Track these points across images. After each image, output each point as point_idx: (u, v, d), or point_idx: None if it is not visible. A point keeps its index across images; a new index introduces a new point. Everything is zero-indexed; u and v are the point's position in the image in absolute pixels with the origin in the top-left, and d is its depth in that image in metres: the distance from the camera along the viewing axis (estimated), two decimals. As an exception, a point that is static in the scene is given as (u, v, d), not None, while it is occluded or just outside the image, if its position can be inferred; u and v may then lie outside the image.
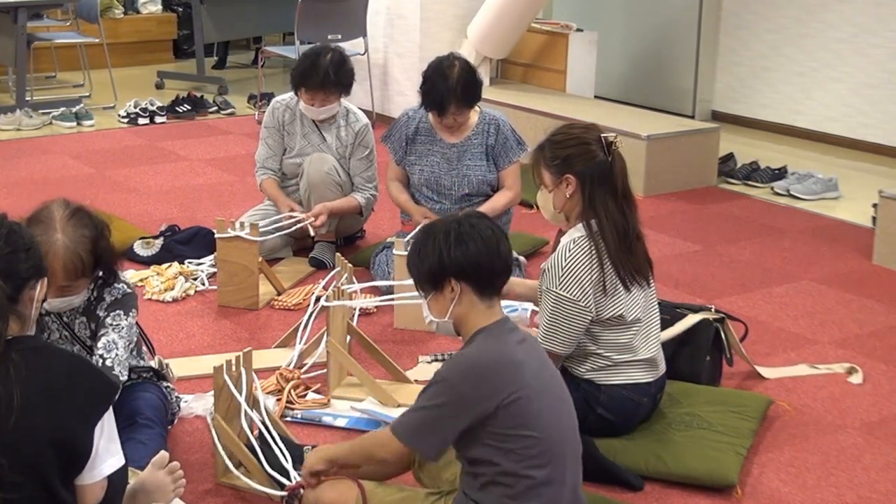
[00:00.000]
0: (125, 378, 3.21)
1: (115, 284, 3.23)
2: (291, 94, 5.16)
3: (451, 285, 2.73)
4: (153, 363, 3.52)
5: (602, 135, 3.38)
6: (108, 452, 2.34)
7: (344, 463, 2.90)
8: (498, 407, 2.59)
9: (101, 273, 3.17)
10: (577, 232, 3.38)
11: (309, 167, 5.07)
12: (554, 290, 3.33)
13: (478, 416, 2.60)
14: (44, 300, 2.46)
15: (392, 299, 4.27)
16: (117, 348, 3.17)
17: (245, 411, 3.21)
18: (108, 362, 3.14)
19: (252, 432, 3.35)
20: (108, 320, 3.20)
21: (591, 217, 3.35)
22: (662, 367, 3.52)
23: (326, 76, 4.97)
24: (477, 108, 4.90)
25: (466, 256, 2.71)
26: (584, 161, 3.35)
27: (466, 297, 2.73)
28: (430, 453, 2.73)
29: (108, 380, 2.43)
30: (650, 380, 3.45)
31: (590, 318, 3.34)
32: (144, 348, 3.51)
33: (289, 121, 5.19)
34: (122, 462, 2.39)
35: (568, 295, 3.32)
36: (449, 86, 4.66)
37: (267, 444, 3.26)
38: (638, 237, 3.41)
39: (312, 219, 4.95)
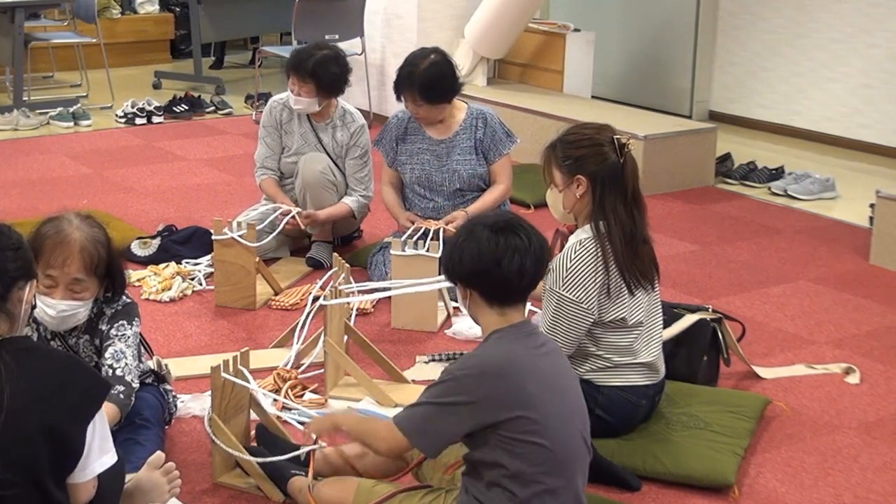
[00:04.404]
0: (137, 385, 3.21)
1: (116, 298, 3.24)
2: (288, 92, 5.16)
3: (462, 288, 2.75)
4: (151, 363, 3.52)
5: (615, 136, 3.37)
6: (100, 451, 2.34)
7: (345, 432, 2.91)
8: (503, 415, 2.58)
9: (108, 283, 3.17)
10: (584, 233, 3.37)
11: (303, 167, 5.08)
12: (557, 290, 3.33)
13: (482, 420, 2.59)
14: (34, 307, 2.46)
15: (388, 288, 4.25)
16: (126, 357, 3.17)
17: (257, 398, 3.24)
18: (118, 372, 3.14)
19: (251, 430, 3.36)
20: (113, 331, 3.20)
21: (600, 219, 3.34)
22: (662, 371, 3.52)
23: (303, 64, 4.99)
24: (465, 104, 4.92)
25: (460, 267, 2.72)
26: (596, 162, 3.34)
27: (475, 301, 2.74)
28: (429, 450, 2.72)
29: (99, 378, 2.43)
30: (649, 383, 3.45)
31: (592, 319, 3.34)
32: (143, 349, 3.50)
33: (286, 120, 5.20)
34: (115, 460, 2.38)
35: (570, 296, 3.31)
36: (409, 74, 4.70)
37: (265, 444, 3.27)
38: (645, 240, 3.40)
39: (302, 212, 4.98)
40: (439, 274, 4.19)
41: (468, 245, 2.70)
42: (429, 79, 4.70)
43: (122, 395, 3.11)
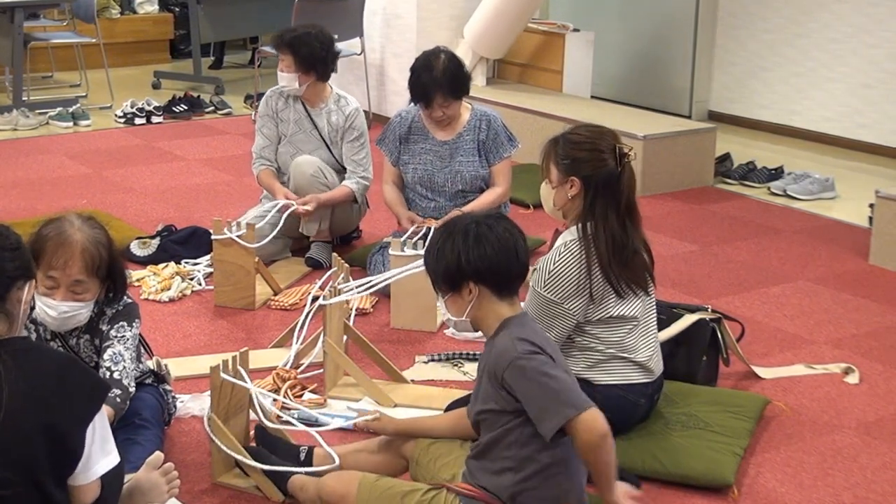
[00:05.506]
0: (133, 390, 3.21)
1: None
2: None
3: (469, 287, 2.76)
4: (151, 364, 3.52)
5: (617, 144, 3.37)
6: (101, 452, 2.34)
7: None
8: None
9: (110, 285, 3.17)
10: (570, 235, 3.38)
11: (294, 172, 5.08)
12: (539, 290, 3.35)
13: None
14: (32, 307, 2.45)
15: (390, 277, 4.18)
16: (124, 360, 3.17)
17: (255, 398, 3.26)
18: (115, 375, 3.14)
19: (250, 431, 3.36)
20: (112, 332, 3.20)
21: (588, 221, 3.35)
22: (660, 370, 3.51)
23: (283, 36, 5.16)
24: (469, 105, 4.92)
25: (484, 259, 2.73)
26: (593, 167, 3.34)
27: (485, 297, 2.77)
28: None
29: (99, 379, 2.42)
30: (647, 381, 3.45)
31: (573, 321, 3.35)
32: (142, 350, 3.50)
33: (282, 108, 5.23)
34: (117, 461, 2.38)
35: (550, 297, 3.32)
36: (434, 76, 4.70)
37: (264, 444, 3.27)
38: (637, 251, 3.39)
39: (302, 203, 4.97)
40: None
41: (481, 241, 2.74)
42: (452, 74, 4.74)
43: (118, 399, 3.11)
